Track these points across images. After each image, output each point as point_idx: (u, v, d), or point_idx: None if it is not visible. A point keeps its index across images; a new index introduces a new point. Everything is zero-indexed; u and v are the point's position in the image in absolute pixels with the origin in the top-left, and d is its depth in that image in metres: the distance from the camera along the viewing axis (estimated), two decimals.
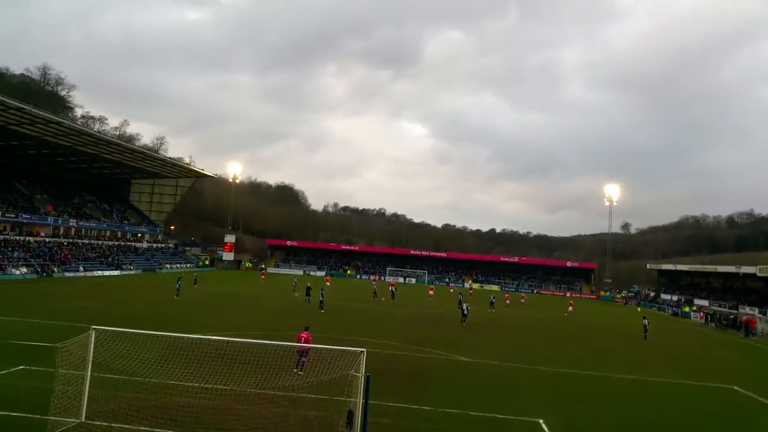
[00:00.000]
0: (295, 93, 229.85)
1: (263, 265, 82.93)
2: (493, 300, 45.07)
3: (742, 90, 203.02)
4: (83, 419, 10.26)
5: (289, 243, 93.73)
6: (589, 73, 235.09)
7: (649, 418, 14.47)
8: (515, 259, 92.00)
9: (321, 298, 34.47)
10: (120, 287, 41.77)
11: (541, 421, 12.95)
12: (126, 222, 73.21)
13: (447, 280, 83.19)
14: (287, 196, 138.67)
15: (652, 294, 74.66)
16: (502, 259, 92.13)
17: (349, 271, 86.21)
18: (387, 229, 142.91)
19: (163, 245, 77.86)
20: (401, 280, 79.70)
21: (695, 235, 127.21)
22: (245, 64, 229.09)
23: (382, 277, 79.51)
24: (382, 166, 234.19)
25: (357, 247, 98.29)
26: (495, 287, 78.94)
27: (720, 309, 52.73)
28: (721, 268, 64.57)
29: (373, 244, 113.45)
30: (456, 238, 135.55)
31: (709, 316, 49.74)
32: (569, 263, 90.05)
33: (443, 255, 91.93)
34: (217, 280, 55.93)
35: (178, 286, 36.06)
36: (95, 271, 53.54)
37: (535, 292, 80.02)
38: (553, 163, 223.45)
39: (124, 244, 67.54)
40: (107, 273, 54.71)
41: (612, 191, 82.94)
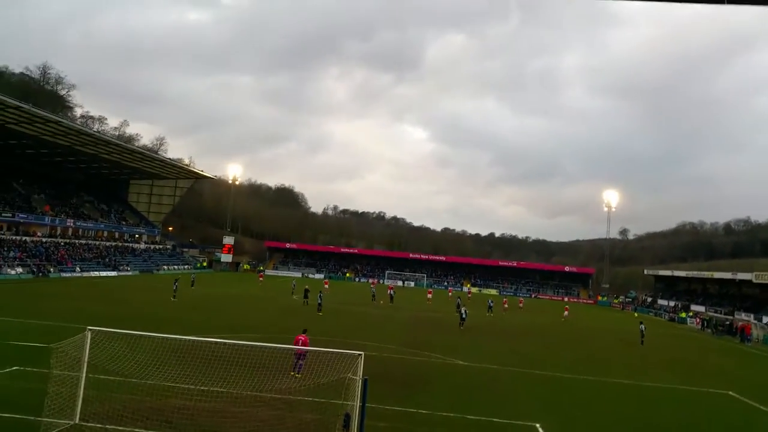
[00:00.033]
0: (296, 95, 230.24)
1: (261, 267, 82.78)
2: (491, 304, 45.04)
3: (740, 99, 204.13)
4: (77, 421, 10.20)
5: (288, 245, 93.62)
6: (590, 79, 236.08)
7: (646, 422, 14.48)
8: (514, 263, 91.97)
9: (319, 301, 34.43)
10: (117, 288, 41.63)
11: (537, 425, 12.94)
12: (124, 223, 73.05)
13: (446, 283, 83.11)
14: (287, 199, 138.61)
15: (649, 299, 74.74)
16: (500, 263, 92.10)
17: (347, 274, 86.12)
18: (386, 232, 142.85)
19: (161, 246, 77.69)
20: (400, 283, 79.59)
21: (692, 242, 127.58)
22: (246, 65, 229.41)
23: (381, 281, 79.44)
24: (383, 169, 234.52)
25: (356, 250, 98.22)
26: (493, 291, 78.91)
27: (716, 315, 52.81)
28: (717, 275, 64.69)
29: (372, 247, 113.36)
30: (455, 242, 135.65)
31: (705, 322, 49.83)
32: (567, 268, 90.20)
33: (442, 259, 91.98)
34: (215, 282, 55.80)
35: (175, 288, 35.97)
36: (92, 272, 53.36)
37: (533, 296, 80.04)
38: (553, 169, 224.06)
39: (121, 244, 67.37)
40: (104, 274, 54.53)
41: (611, 197, 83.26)
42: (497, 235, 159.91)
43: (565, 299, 77.38)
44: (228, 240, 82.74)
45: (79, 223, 62.11)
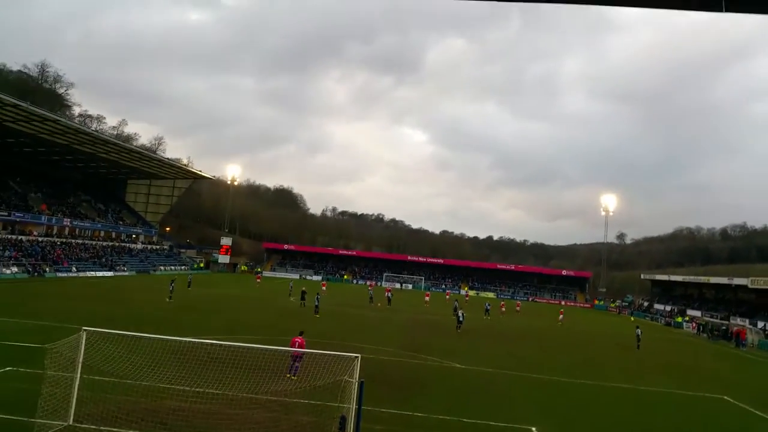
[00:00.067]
0: (296, 96, 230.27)
1: (259, 269, 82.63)
2: (488, 307, 45.06)
3: (737, 106, 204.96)
4: (71, 422, 10.14)
5: (286, 246, 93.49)
6: (589, 84, 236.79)
7: (642, 426, 14.50)
8: (512, 266, 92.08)
9: (316, 303, 34.35)
10: (113, 288, 41.46)
11: (534, 429, 12.94)
12: (121, 222, 72.84)
13: (443, 286, 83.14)
14: (285, 200, 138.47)
15: (646, 304, 74.92)
16: (498, 266, 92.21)
17: (345, 276, 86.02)
18: (385, 234, 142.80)
19: (158, 247, 77.47)
20: (398, 285, 79.56)
21: (689, 247, 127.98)
22: (247, 66, 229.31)
23: (379, 283, 79.38)
24: (382, 171, 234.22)
25: (354, 252, 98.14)
26: (491, 294, 78.96)
27: (712, 320, 52.95)
28: (713, 280, 64.94)
29: (370, 250, 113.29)
30: (453, 245, 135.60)
31: (701, 327, 49.97)
32: (565, 272, 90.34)
33: (440, 261, 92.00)
34: (212, 283, 55.65)
35: (172, 288, 35.82)
36: (88, 272, 53.14)
37: (531, 300, 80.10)
38: (552, 173, 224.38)
39: (118, 244, 67.15)
40: (100, 274, 54.30)
41: (609, 202, 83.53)
42: (495, 238, 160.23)
43: (563, 303, 77.46)
44: (226, 241, 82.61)
45: (76, 222, 61.89)
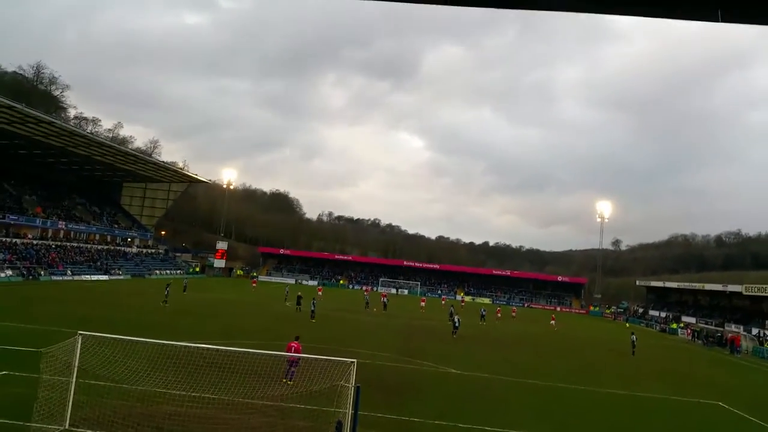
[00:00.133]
0: (292, 101, 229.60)
1: (255, 273, 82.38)
2: (484, 313, 45.10)
3: (733, 113, 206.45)
4: (67, 426, 10.11)
5: (282, 251, 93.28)
6: (585, 91, 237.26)
7: None
8: (507, 272, 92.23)
9: (312, 308, 34.30)
10: (108, 292, 41.24)
11: None
12: (116, 226, 72.51)
13: (439, 292, 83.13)
14: (281, 204, 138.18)
15: (641, 310, 75.16)
16: (494, 272, 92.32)
17: (341, 281, 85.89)
18: (381, 239, 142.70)
19: (153, 250, 77.13)
20: (394, 291, 79.48)
21: (684, 254, 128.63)
22: (243, 69, 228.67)
23: (375, 288, 79.29)
24: (378, 176, 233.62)
25: (350, 257, 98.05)
26: (486, 300, 78.97)
27: (707, 326, 53.22)
28: (708, 286, 65.30)
29: (366, 255, 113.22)
30: (449, 251, 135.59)
31: (696, 333, 50.19)
32: (560, 278, 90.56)
33: (436, 267, 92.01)
34: (208, 288, 55.43)
35: (167, 293, 35.67)
36: (83, 276, 52.83)
37: (526, 305, 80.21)
38: (547, 179, 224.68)
39: (113, 248, 66.83)
40: (95, 277, 53.99)
41: (604, 208, 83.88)
42: (491, 244, 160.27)
43: (558, 309, 77.72)
44: (221, 245, 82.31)
45: (71, 225, 61.58)
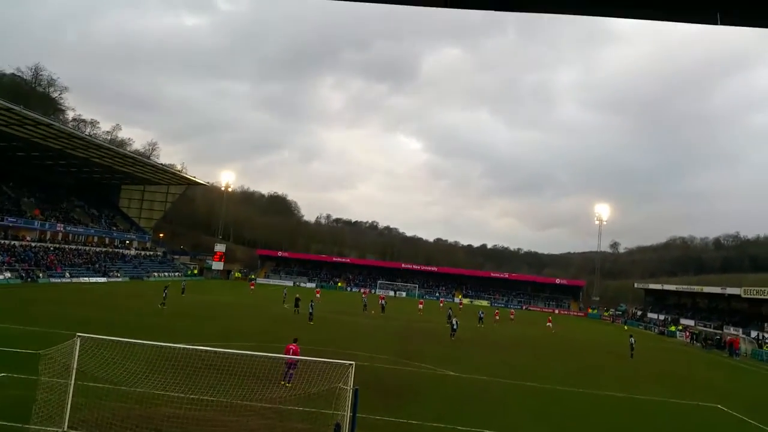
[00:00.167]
0: (291, 103, 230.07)
1: (253, 276, 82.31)
2: (482, 315, 45.12)
3: (732, 116, 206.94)
4: (66, 428, 10.09)
5: (280, 253, 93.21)
6: (583, 93, 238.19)
7: None
8: (505, 275, 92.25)
9: (310, 310, 34.29)
10: (106, 294, 41.17)
11: None
12: (114, 228, 72.40)
13: (437, 294, 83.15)
14: (279, 207, 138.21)
15: (639, 313, 75.25)
16: (492, 274, 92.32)
17: (339, 283, 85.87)
18: (379, 241, 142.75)
19: (152, 253, 77.01)
20: (392, 293, 79.46)
21: (682, 256, 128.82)
22: (242, 72, 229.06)
23: (373, 290, 79.26)
24: (377, 179, 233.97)
25: (348, 260, 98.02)
26: (485, 302, 79.05)
27: (705, 329, 53.31)
28: (706, 289, 65.48)
29: (364, 257, 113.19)
30: (447, 253, 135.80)
31: (694, 336, 50.25)
32: (558, 280, 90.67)
33: (434, 269, 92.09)
34: (206, 290, 55.37)
35: (165, 295, 35.62)
36: (81, 278, 52.74)
37: (524, 308, 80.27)
38: (545, 181, 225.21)
39: (111, 250, 66.72)
40: (93, 280, 53.89)
41: (602, 211, 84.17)
42: (489, 246, 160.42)
43: (556, 311, 77.79)
44: (219, 247, 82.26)
45: (69, 227, 61.49)
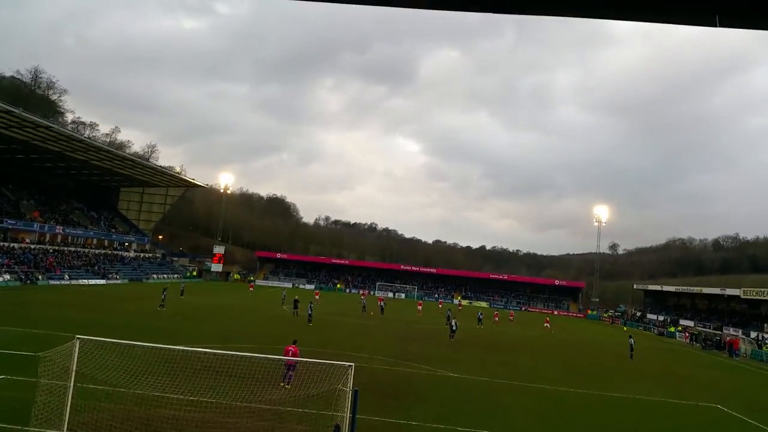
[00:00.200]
0: (289, 105, 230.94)
1: (252, 277, 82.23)
2: (481, 316, 45.13)
3: (731, 118, 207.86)
4: (65, 430, 10.07)
5: (278, 255, 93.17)
6: (582, 96, 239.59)
7: None
8: (504, 276, 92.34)
9: (309, 312, 34.27)
10: (105, 297, 41.13)
11: None
12: (113, 230, 72.35)
13: (436, 295, 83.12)
14: (278, 208, 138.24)
15: (639, 314, 75.28)
16: (491, 276, 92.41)
17: (338, 285, 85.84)
18: (378, 243, 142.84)
19: (151, 255, 76.93)
20: (391, 295, 79.44)
21: (681, 257, 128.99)
22: (240, 74, 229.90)
23: (372, 292, 79.23)
24: (375, 180, 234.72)
25: (347, 261, 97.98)
26: (484, 304, 79.06)
27: (705, 330, 53.35)
28: (706, 290, 65.56)
29: (363, 259, 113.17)
30: (446, 255, 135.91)
31: (693, 337, 50.30)
32: (557, 282, 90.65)
33: (433, 271, 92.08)
34: (205, 292, 55.32)
35: (164, 297, 35.56)
36: (81, 280, 52.67)
37: (524, 309, 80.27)
38: (544, 183, 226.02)
39: (110, 252, 66.65)
40: (93, 282, 53.83)
41: (601, 212, 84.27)
42: (488, 248, 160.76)
43: (555, 312, 77.84)
44: (218, 249, 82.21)
45: (69, 230, 61.44)
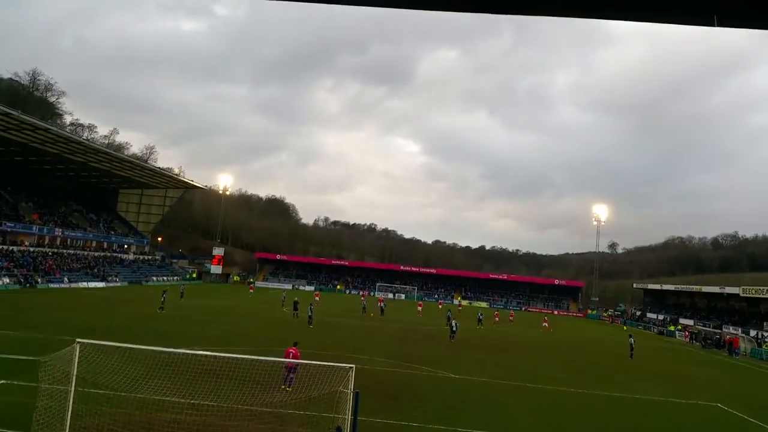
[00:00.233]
0: (288, 106, 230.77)
1: (252, 279, 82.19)
2: (481, 317, 45.15)
3: (730, 116, 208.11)
4: None
5: (278, 257, 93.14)
6: (581, 95, 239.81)
7: None
8: (504, 276, 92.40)
9: (310, 314, 34.25)
10: (105, 299, 41.09)
11: None
12: (113, 232, 72.31)
13: (436, 296, 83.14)
14: (277, 210, 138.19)
15: (638, 313, 75.33)
16: (491, 276, 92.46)
17: (338, 286, 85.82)
18: (377, 244, 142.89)
19: (150, 257, 76.91)
20: (390, 296, 79.44)
21: (681, 256, 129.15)
22: (239, 75, 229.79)
23: (372, 293, 79.23)
24: (374, 181, 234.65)
25: (347, 262, 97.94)
26: (484, 304, 79.08)
27: (704, 328, 53.43)
28: (705, 289, 65.59)
29: (363, 260, 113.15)
30: (446, 255, 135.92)
31: (693, 335, 50.36)
32: (557, 281, 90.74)
33: (433, 271, 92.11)
34: (204, 294, 55.28)
35: (163, 299, 35.53)
36: (80, 283, 52.61)
37: (524, 309, 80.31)
38: (542, 183, 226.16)
39: (110, 255, 66.61)
40: (92, 285, 53.77)
41: (600, 211, 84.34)
42: (488, 248, 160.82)
43: (555, 312, 77.89)
44: (218, 251, 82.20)
45: (68, 232, 61.38)
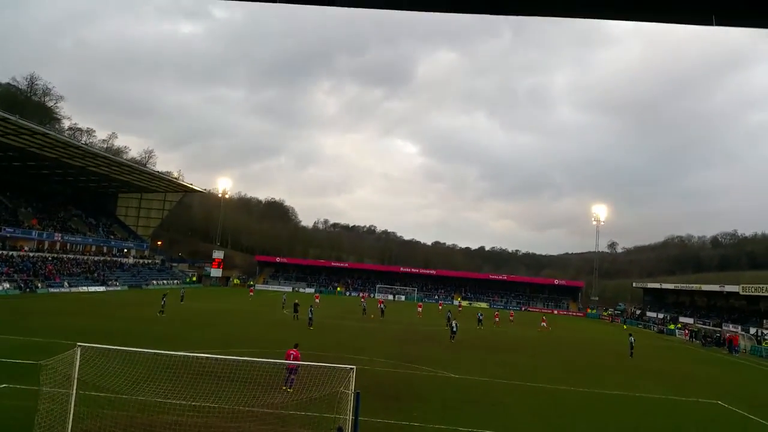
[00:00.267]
0: (287, 108, 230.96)
1: (252, 282, 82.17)
2: (481, 317, 45.19)
3: (730, 115, 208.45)
4: None
5: (278, 259, 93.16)
6: (580, 95, 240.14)
7: None
8: (504, 276, 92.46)
9: (310, 315, 34.28)
10: (105, 303, 41.07)
11: None
12: (112, 237, 72.25)
13: (436, 297, 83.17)
14: (277, 212, 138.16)
15: (638, 312, 75.39)
16: (490, 276, 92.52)
17: (338, 288, 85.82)
18: (377, 246, 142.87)
19: (150, 261, 76.87)
20: (390, 297, 79.44)
21: (680, 255, 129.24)
22: (238, 78, 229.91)
23: (372, 294, 79.24)
24: (374, 183, 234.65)
25: (347, 264, 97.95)
26: (484, 305, 79.10)
27: (704, 327, 53.48)
28: (705, 287, 65.66)
29: (362, 261, 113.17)
30: (445, 256, 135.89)
31: (693, 334, 50.42)
32: (557, 281, 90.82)
33: (432, 272, 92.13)
34: (205, 297, 55.26)
35: (164, 303, 35.55)
36: (80, 287, 52.58)
37: (524, 309, 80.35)
38: (542, 183, 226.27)
39: (109, 259, 66.58)
40: (92, 289, 53.73)
41: (599, 211, 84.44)
42: (487, 248, 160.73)
43: (555, 312, 77.94)
44: (218, 254, 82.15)
45: (67, 237, 61.35)
